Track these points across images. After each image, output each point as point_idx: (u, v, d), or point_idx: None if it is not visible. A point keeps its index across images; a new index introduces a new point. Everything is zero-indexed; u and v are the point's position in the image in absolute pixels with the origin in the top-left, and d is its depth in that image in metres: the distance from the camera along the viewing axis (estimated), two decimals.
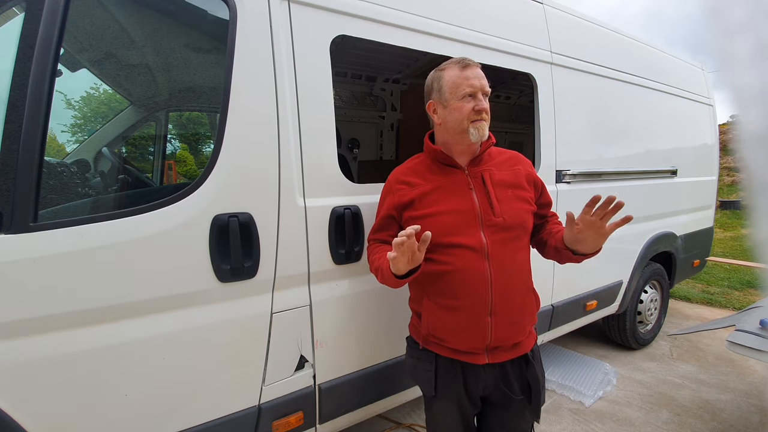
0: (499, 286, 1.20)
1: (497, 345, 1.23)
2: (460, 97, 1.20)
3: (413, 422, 2.36)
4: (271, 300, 1.39)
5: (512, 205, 1.25)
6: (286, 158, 1.38)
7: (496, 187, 1.26)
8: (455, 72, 1.21)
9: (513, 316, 1.23)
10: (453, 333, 1.23)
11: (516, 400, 1.27)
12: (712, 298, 4.61)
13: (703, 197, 3.60)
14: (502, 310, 1.21)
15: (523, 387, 1.29)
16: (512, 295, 1.23)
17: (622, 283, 2.82)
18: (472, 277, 1.20)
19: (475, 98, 1.19)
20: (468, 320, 1.21)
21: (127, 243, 1.14)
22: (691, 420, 2.40)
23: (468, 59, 1.23)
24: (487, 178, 1.26)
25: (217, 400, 1.33)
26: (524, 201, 1.30)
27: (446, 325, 1.24)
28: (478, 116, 1.19)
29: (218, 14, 1.33)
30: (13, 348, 1.04)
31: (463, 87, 1.19)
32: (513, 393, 1.27)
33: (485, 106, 1.20)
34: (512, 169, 1.32)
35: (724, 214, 11.04)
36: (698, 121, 3.48)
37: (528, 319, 1.30)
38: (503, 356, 1.25)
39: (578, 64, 2.36)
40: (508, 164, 1.33)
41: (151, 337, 1.20)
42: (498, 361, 1.25)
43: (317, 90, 1.46)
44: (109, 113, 2.68)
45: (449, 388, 1.28)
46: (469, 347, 1.23)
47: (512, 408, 1.29)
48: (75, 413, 1.13)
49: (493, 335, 1.21)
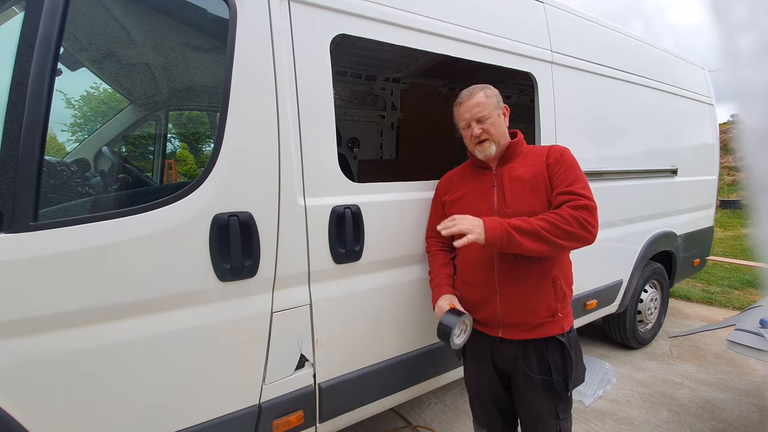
0: (503, 267, 1.39)
1: (511, 323, 1.40)
2: (462, 128, 1.49)
3: (420, 424, 2.36)
4: (271, 299, 1.39)
5: (524, 197, 1.39)
6: (286, 157, 1.38)
7: (513, 182, 1.42)
8: (456, 110, 1.50)
9: (519, 297, 1.38)
10: (474, 305, 1.47)
11: (536, 379, 1.39)
12: (712, 297, 4.61)
13: (703, 196, 3.60)
14: (505, 290, 1.40)
15: (543, 368, 1.39)
16: (517, 278, 1.38)
17: (622, 282, 2.82)
18: (480, 258, 1.44)
19: (470, 127, 1.44)
20: (481, 295, 1.44)
21: (128, 242, 1.14)
22: (691, 419, 2.40)
23: (463, 94, 1.46)
24: (506, 175, 1.44)
25: (218, 399, 1.34)
26: (541, 192, 1.39)
27: (469, 298, 1.49)
28: (477, 140, 1.43)
29: (218, 13, 1.32)
30: (14, 347, 1.04)
31: (460, 121, 1.48)
32: (531, 371, 1.39)
33: (477, 132, 1.42)
34: (536, 164, 1.43)
35: (725, 214, 11.04)
36: (699, 120, 3.48)
37: (541, 305, 1.38)
38: (519, 335, 1.40)
39: (579, 63, 2.36)
40: (533, 159, 1.45)
41: (151, 336, 1.20)
42: (512, 337, 1.41)
43: (317, 89, 1.46)
44: (109, 112, 2.68)
45: (474, 354, 1.54)
46: (484, 319, 1.46)
47: (532, 386, 1.40)
48: (75, 412, 1.13)
49: (502, 311, 1.40)
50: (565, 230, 1.26)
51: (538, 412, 1.41)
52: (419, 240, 1.72)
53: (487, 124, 1.41)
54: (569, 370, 1.39)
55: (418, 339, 1.81)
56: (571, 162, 1.41)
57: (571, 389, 1.41)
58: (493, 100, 1.43)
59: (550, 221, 1.27)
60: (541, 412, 1.40)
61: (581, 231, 1.28)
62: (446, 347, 1.37)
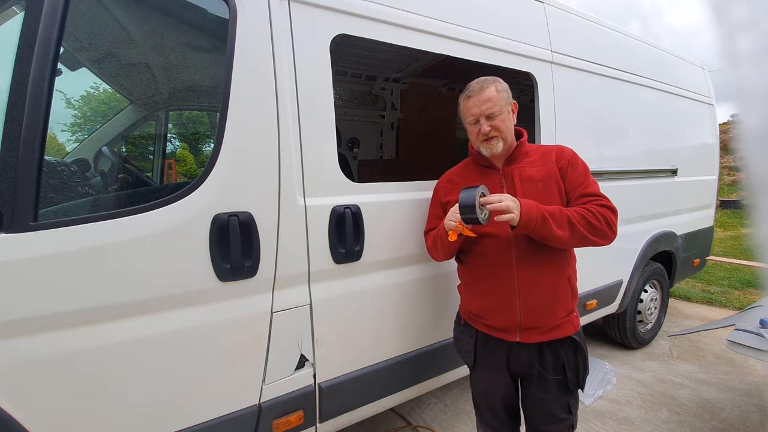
0: (523, 270, 1.36)
1: (529, 326, 1.36)
2: (469, 124, 1.42)
3: (420, 424, 2.37)
4: (271, 299, 1.39)
5: (537, 198, 1.34)
6: (286, 157, 1.38)
7: (525, 183, 1.39)
8: (462, 103, 1.42)
9: (540, 299, 1.35)
10: (487, 311, 1.43)
11: (550, 380, 1.38)
12: (712, 297, 4.61)
13: (703, 196, 3.60)
14: (527, 292, 1.35)
15: (557, 368, 1.39)
16: (538, 280, 1.36)
17: (622, 282, 2.82)
18: (498, 262, 1.39)
19: (478, 123, 1.37)
20: (498, 302, 1.39)
21: (127, 242, 1.14)
22: (691, 419, 2.40)
23: (473, 87, 1.39)
24: (516, 176, 1.40)
25: (218, 399, 1.34)
26: (554, 192, 1.37)
27: (481, 305, 1.45)
28: (485, 137, 1.37)
29: (218, 13, 1.32)
30: (14, 347, 1.04)
31: (467, 116, 1.41)
32: (546, 372, 1.38)
33: (486, 129, 1.35)
34: (545, 164, 1.41)
35: (725, 214, 11.05)
36: (699, 120, 3.48)
37: (559, 305, 1.37)
38: (537, 338, 1.37)
39: (579, 63, 2.36)
40: (542, 160, 1.42)
41: (151, 336, 1.20)
42: (530, 341, 1.38)
43: (317, 89, 1.46)
44: (109, 112, 2.68)
45: (485, 360, 1.49)
46: (501, 325, 1.40)
47: (545, 387, 1.40)
48: (75, 412, 1.13)
49: (522, 315, 1.36)
50: (594, 225, 1.28)
51: (550, 409, 1.41)
52: (419, 240, 1.72)
53: (497, 121, 1.36)
54: (581, 367, 1.40)
55: (419, 339, 1.81)
56: (584, 166, 1.42)
57: (583, 385, 1.42)
58: (504, 95, 1.38)
59: (581, 213, 1.29)
60: (553, 409, 1.41)
61: (607, 229, 1.30)
62: (443, 347, 1.37)
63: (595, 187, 1.38)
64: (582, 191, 1.36)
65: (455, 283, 1.66)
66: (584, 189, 1.37)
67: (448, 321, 1.86)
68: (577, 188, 1.37)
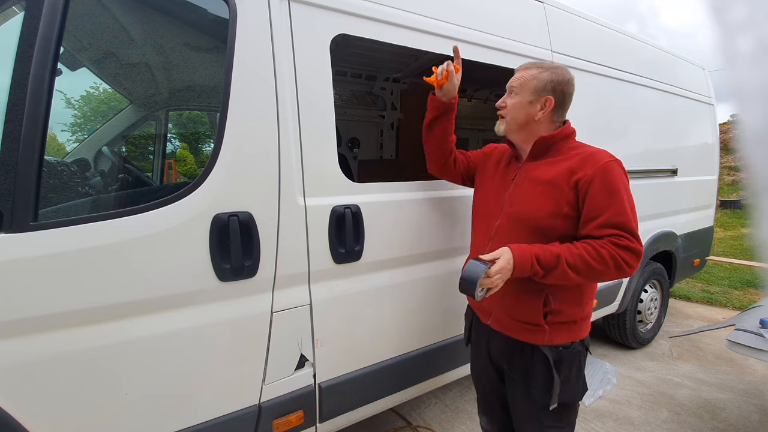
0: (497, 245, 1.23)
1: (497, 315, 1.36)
2: None
3: (420, 424, 2.37)
4: (271, 299, 1.39)
5: (531, 200, 1.26)
6: (286, 157, 1.38)
7: (529, 182, 1.30)
8: None
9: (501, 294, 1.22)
10: None
11: (518, 381, 1.35)
12: (712, 297, 4.62)
13: (703, 196, 3.60)
14: None
15: (524, 373, 1.33)
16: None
17: (622, 282, 2.82)
18: (475, 250, 1.45)
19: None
20: None
21: (127, 242, 1.14)
22: (691, 419, 2.40)
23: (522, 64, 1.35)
24: (527, 173, 1.32)
25: (218, 399, 1.34)
26: (550, 199, 1.22)
27: None
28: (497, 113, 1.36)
29: (218, 13, 1.32)
30: (14, 347, 1.04)
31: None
32: (510, 371, 1.37)
33: (499, 102, 1.35)
34: (563, 168, 1.23)
35: (725, 214, 11.04)
36: (699, 120, 3.48)
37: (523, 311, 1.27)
38: (504, 330, 1.35)
39: (578, 63, 2.36)
40: (564, 162, 1.25)
41: (151, 336, 1.20)
42: (498, 328, 1.37)
43: (317, 89, 1.46)
44: (109, 112, 2.68)
45: (475, 341, 1.53)
46: (476, 304, 1.45)
47: (515, 387, 1.37)
48: (76, 412, 1.13)
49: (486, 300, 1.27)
50: (595, 269, 1.13)
51: (521, 414, 1.37)
52: (419, 240, 1.72)
53: (510, 98, 1.30)
54: (551, 386, 1.25)
55: (419, 339, 1.81)
56: (613, 184, 1.17)
57: (552, 404, 1.26)
58: (535, 83, 1.26)
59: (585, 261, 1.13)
60: (523, 414, 1.37)
61: (614, 272, 1.14)
62: (443, 347, 1.37)
63: (623, 216, 1.15)
64: (605, 220, 1.15)
65: (455, 283, 1.66)
66: (608, 218, 1.15)
67: (449, 321, 1.86)
68: (599, 215, 1.15)
